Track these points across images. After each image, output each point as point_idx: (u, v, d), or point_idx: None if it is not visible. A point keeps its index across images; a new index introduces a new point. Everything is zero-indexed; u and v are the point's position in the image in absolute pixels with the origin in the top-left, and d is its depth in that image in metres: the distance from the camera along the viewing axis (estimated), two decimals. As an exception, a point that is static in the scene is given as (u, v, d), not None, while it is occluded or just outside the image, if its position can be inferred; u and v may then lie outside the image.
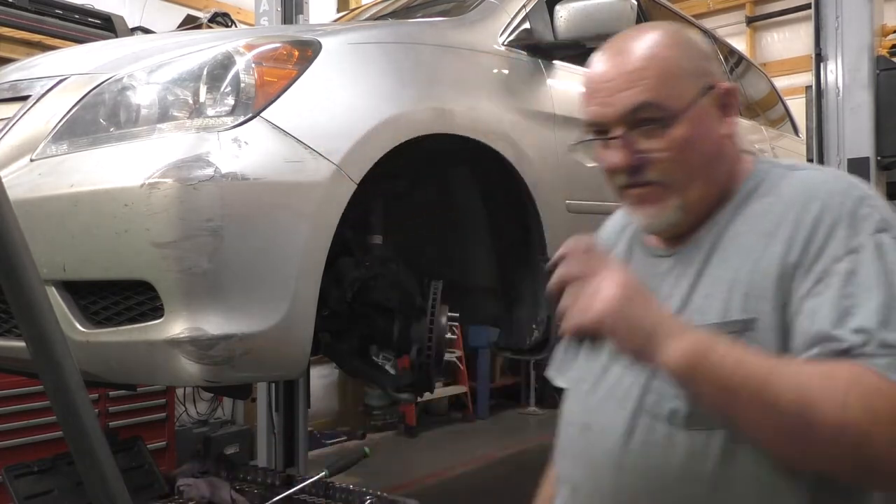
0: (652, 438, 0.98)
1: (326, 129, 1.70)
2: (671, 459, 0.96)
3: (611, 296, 0.91)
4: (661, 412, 0.97)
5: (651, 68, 1.01)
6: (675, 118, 0.99)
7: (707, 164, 1.02)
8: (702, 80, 1.02)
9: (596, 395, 1.07)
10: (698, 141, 1.00)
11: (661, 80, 1.00)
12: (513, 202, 2.29)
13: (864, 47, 2.77)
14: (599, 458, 1.03)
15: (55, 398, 0.95)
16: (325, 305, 1.88)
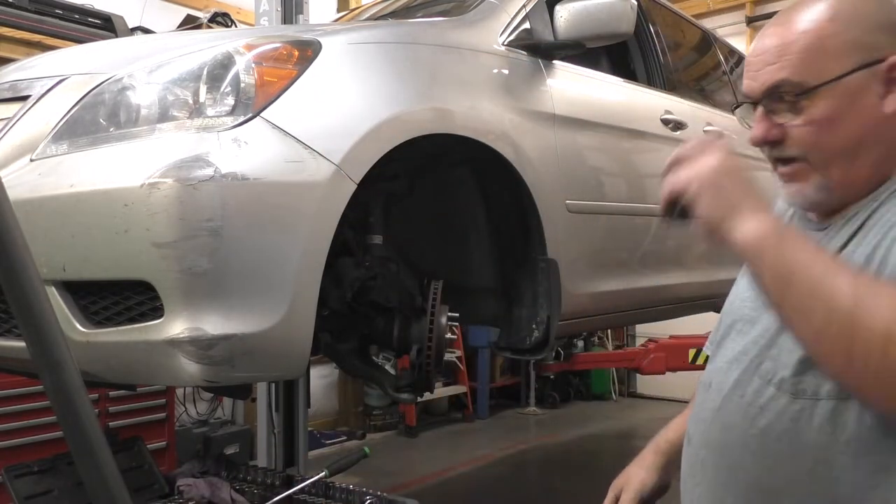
0: (759, 401, 1.02)
1: (326, 128, 1.70)
2: (775, 424, 1.00)
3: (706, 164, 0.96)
4: (773, 378, 1.01)
5: (798, 42, 1.00)
6: (815, 94, 0.98)
7: (855, 144, 1.00)
8: (861, 55, 0.98)
9: (724, 359, 1.12)
10: (843, 119, 0.99)
11: (804, 55, 0.99)
12: (513, 202, 2.29)
13: (864, 47, 2.76)
14: (709, 414, 1.10)
15: (55, 398, 0.95)
16: (325, 305, 1.88)
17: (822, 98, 0.99)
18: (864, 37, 0.99)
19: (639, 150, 2.88)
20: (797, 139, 1.02)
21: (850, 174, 1.01)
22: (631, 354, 6.55)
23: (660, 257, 2.94)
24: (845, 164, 1.01)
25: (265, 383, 3.56)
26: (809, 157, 1.02)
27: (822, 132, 1.00)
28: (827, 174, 1.02)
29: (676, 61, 3.50)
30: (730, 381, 1.09)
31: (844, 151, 1.00)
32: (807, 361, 0.98)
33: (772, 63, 1.02)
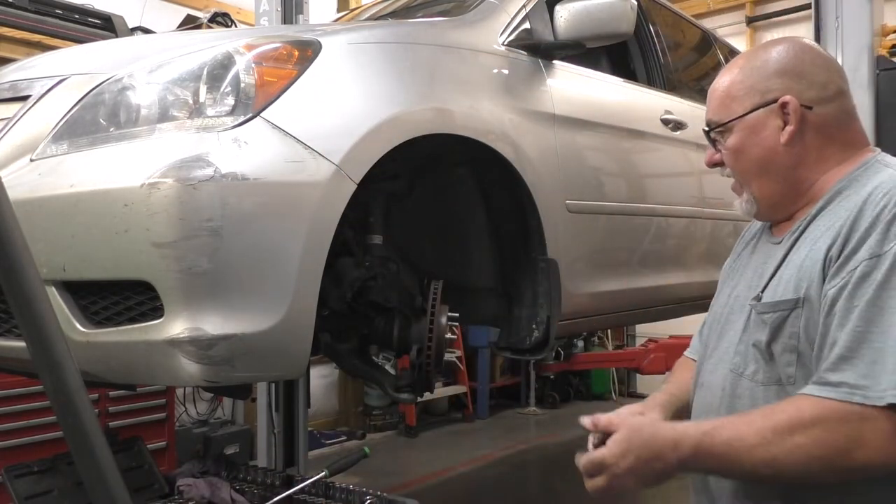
0: (737, 392, 1.23)
1: (326, 128, 1.70)
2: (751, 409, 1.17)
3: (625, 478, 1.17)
4: (744, 371, 1.22)
5: (718, 90, 1.31)
6: (726, 129, 1.29)
7: (760, 167, 1.26)
8: (756, 98, 1.25)
9: (711, 360, 1.33)
10: (746, 148, 1.26)
11: (720, 100, 1.31)
12: (513, 202, 2.29)
13: (863, 47, 2.77)
14: (703, 410, 1.31)
15: (55, 398, 0.95)
16: (325, 305, 1.88)
17: (732, 132, 1.28)
18: (759, 83, 1.26)
19: (639, 150, 2.88)
20: (725, 162, 1.32)
21: (763, 190, 1.27)
22: (631, 354, 6.55)
23: (660, 257, 2.94)
24: (757, 181, 1.27)
25: (265, 383, 3.56)
26: (734, 176, 1.32)
27: (735, 157, 1.29)
28: (749, 189, 1.29)
29: (676, 61, 3.50)
30: (716, 379, 1.29)
31: (754, 172, 1.27)
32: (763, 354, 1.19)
33: (707, 106, 1.34)
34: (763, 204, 1.29)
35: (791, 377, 1.15)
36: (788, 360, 1.16)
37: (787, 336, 1.16)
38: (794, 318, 1.15)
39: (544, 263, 2.29)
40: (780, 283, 1.20)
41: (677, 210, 3.03)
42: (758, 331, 1.21)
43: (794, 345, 1.15)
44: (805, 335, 1.14)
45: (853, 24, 2.76)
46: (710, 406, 1.28)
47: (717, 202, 3.23)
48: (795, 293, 1.15)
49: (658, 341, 6.21)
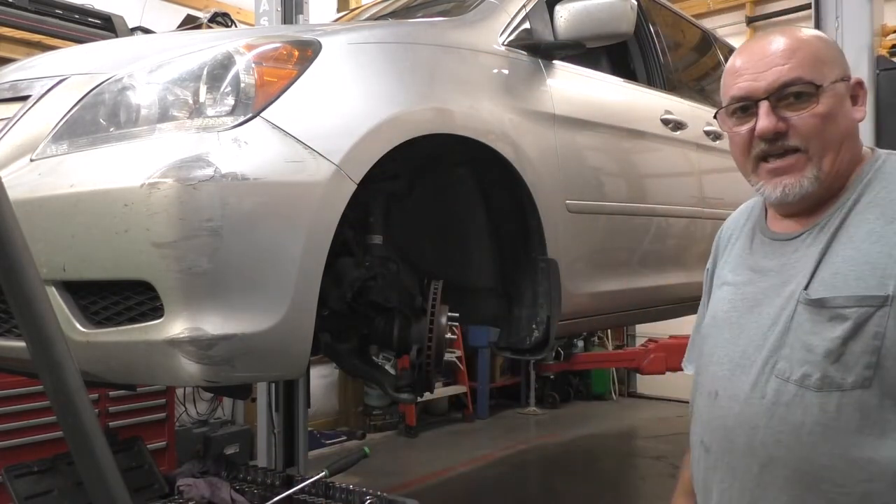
0: (783, 399, 1.13)
1: (326, 128, 1.70)
2: (805, 418, 1.11)
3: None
4: (792, 376, 1.13)
5: (802, 49, 1.18)
6: (821, 93, 1.16)
7: (841, 140, 1.18)
8: (841, 70, 1.19)
9: (722, 367, 1.24)
10: (836, 117, 1.17)
11: (810, 60, 1.18)
12: (513, 202, 2.29)
13: (864, 47, 2.77)
14: (731, 420, 1.20)
15: (55, 398, 0.95)
16: (325, 305, 1.88)
17: (825, 96, 1.16)
18: (839, 57, 1.22)
19: (639, 150, 2.88)
20: (804, 129, 1.17)
21: (835, 166, 1.18)
22: (631, 354, 6.55)
23: (660, 257, 2.94)
24: (833, 155, 1.18)
25: (265, 383, 3.56)
26: (811, 147, 1.17)
27: (825, 124, 1.17)
28: (820, 165, 1.17)
29: (676, 61, 3.50)
30: (743, 386, 1.19)
31: (836, 144, 1.18)
32: (830, 355, 1.10)
33: (780, 65, 1.17)
34: (825, 183, 1.18)
35: (868, 379, 1.07)
36: (868, 361, 1.07)
37: (870, 335, 1.07)
38: (881, 317, 1.07)
39: (544, 263, 2.29)
40: (839, 278, 1.12)
41: (677, 210, 3.03)
42: (822, 328, 1.11)
43: (876, 346, 1.07)
44: (891, 336, 1.06)
45: (853, 24, 2.76)
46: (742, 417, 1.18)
47: (717, 202, 3.23)
48: (880, 290, 1.07)
49: (658, 341, 6.21)
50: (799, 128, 1.17)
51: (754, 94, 1.19)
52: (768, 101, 1.17)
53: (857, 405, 1.08)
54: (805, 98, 1.16)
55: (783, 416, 1.13)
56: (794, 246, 1.21)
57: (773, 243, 1.26)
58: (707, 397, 1.27)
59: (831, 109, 1.16)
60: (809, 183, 1.17)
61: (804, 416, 1.11)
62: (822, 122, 1.16)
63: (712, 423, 1.25)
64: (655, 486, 4.58)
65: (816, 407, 1.10)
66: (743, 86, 1.21)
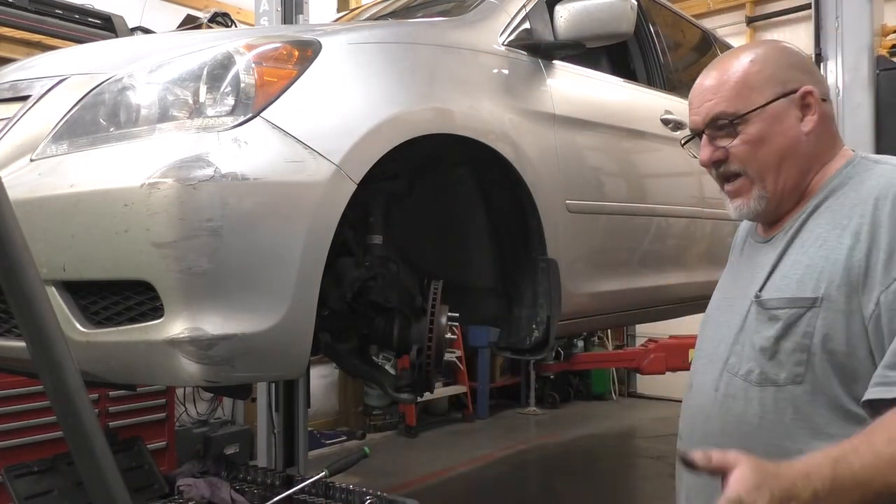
0: (731, 392, 1.22)
1: (326, 128, 1.70)
2: (747, 409, 1.20)
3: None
4: (739, 371, 1.22)
5: (728, 81, 1.25)
6: (747, 120, 1.23)
7: (780, 158, 1.23)
8: (778, 87, 1.23)
9: (700, 361, 1.34)
10: (770, 137, 1.23)
11: (735, 90, 1.24)
12: (513, 202, 2.29)
13: (863, 47, 2.77)
14: (695, 410, 1.31)
15: (55, 398, 0.95)
16: (325, 305, 1.88)
17: (752, 123, 1.23)
18: (778, 73, 1.25)
19: (639, 150, 2.88)
20: (737, 156, 1.25)
21: (779, 183, 1.24)
22: (631, 354, 6.55)
23: (660, 257, 2.94)
24: (775, 174, 1.24)
25: (265, 383, 3.56)
26: (748, 171, 1.25)
27: (756, 148, 1.24)
28: (763, 185, 1.25)
29: (676, 61, 3.50)
30: (708, 379, 1.29)
31: (774, 164, 1.24)
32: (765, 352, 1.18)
33: (709, 100, 1.26)
34: (773, 200, 1.26)
35: (799, 376, 1.14)
36: (798, 359, 1.15)
37: (800, 334, 1.15)
38: (811, 318, 1.14)
39: (544, 263, 2.29)
40: (785, 281, 1.19)
41: (677, 210, 3.03)
42: (763, 328, 1.20)
43: (806, 344, 1.14)
44: (820, 336, 1.13)
45: (853, 24, 2.76)
46: (701, 407, 1.28)
47: (717, 202, 3.22)
48: (813, 292, 1.14)
49: (658, 341, 6.21)
50: (735, 154, 1.25)
51: (696, 128, 1.30)
52: (706, 134, 1.27)
53: (790, 400, 1.15)
54: (736, 126, 1.24)
55: (729, 408, 1.22)
56: (765, 249, 1.29)
57: (755, 245, 1.34)
58: (686, 389, 1.38)
59: (760, 134, 1.23)
60: (756, 203, 1.26)
61: (745, 408, 1.20)
62: (753, 146, 1.23)
63: (685, 412, 1.35)
64: (655, 486, 4.58)
65: (756, 401, 1.19)
66: (691, 119, 1.32)
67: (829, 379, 1.13)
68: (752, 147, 1.24)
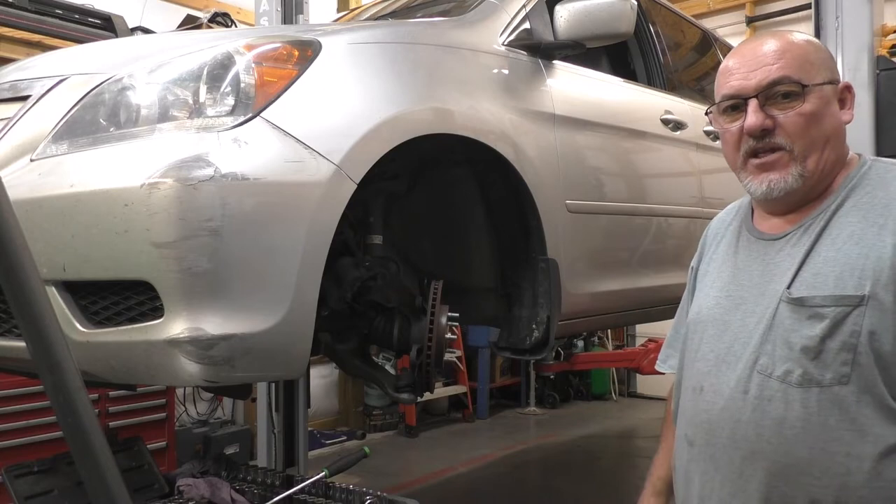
0: (766, 394, 1.17)
1: (326, 128, 1.70)
2: (786, 412, 1.15)
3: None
4: (775, 372, 1.17)
5: (791, 51, 1.23)
6: (807, 93, 1.21)
7: (826, 140, 1.22)
8: (829, 73, 1.24)
9: (707, 362, 1.28)
10: (822, 117, 1.21)
11: (798, 61, 1.22)
12: (513, 202, 2.29)
13: (864, 47, 2.77)
14: (713, 415, 1.23)
15: (55, 398, 0.95)
16: (325, 305, 1.88)
17: (811, 97, 1.21)
18: (828, 61, 1.26)
19: (639, 150, 2.88)
20: (789, 127, 1.21)
21: (818, 165, 1.22)
22: (631, 354, 6.55)
23: (660, 257, 2.94)
24: (818, 155, 1.21)
25: (265, 383, 3.56)
26: (795, 145, 1.21)
27: (810, 124, 1.21)
28: (804, 163, 1.21)
29: (676, 61, 3.50)
30: (729, 381, 1.22)
31: (820, 144, 1.21)
32: (808, 352, 1.13)
33: (770, 64, 1.22)
34: (810, 181, 1.22)
35: (845, 376, 1.11)
36: (845, 358, 1.12)
37: (846, 333, 1.12)
38: (857, 316, 1.11)
39: (544, 263, 2.29)
40: (819, 278, 1.16)
41: (677, 210, 3.03)
42: (802, 327, 1.15)
43: (853, 343, 1.11)
44: (868, 334, 1.11)
45: (853, 24, 2.76)
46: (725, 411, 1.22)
47: (716, 202, 3.22)
48: (856, 290, 1.12)
49: (658, 341, 6.21)
50: (785, 126, 1.21)
51: (744, 92, 1.23)
52: (756, 99, 1.22)
53: (835, 401, 1.12)
54: (792, 97, 1.21)
55: (765, 411, 1.17)
56: (778, 246, 1.25)
57: (759, 242, 1.29)
58: (692, 392, 1.30)
59: (817, 109, 1.21)
60: (794, 180, 1.21)
61: (786, 411, 1.15)
62: (807, 121, 1.20)
63: (697, 417, 1.28)
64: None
65: (798, 402, 1.14)
66: (734, 84, 1.25)
67: (876, 378, 1.11)
68: (806, 121, 1.21)
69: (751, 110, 1.22)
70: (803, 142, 1.21)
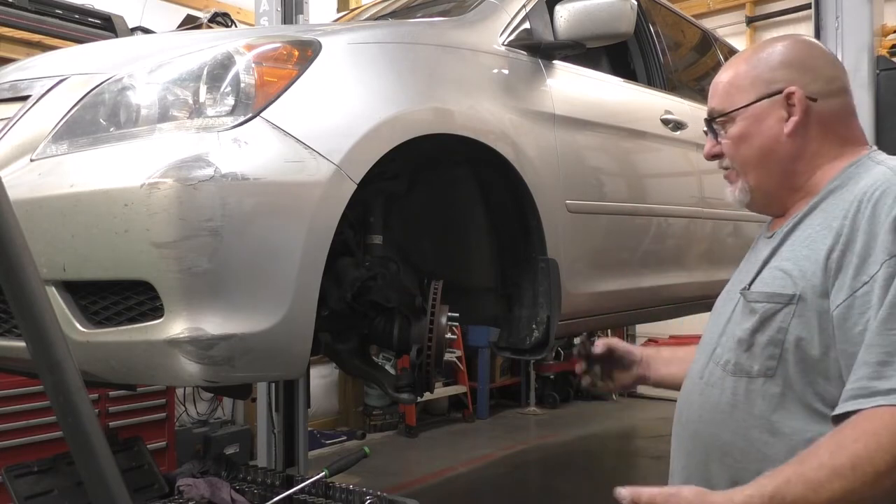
0: (711, 380, 1.27)
1: (326, 128, 1.70)
2: (720, 397, 1.24)
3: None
4: (720, 360, 1.26)
5: (722, 82, 1.33)
6: (732, 119, 1.30)
7: (762, 156, 1.28)
8: (761, 89, 1.27)
9: (698, 351, 1.38)
10: (751, 136, 1.28)
11: (725, 90, 1.32)
12: (513, 202, 2.29)
13: (863, 47, 2.77)
14: (683, 396, 1.36)
15: (55, 398, 0.95)
16: (325, 305, 1.88)
17: (736, 122, 1.30)
18: (764, 74, 1.28)
19: (639, 150, 2.88)
20: (725, 152, 1.33)
21: (761, 180, 1.29)
22: (631, 354, 6.53)
23: (660, 257, 2.94)
24: (756, 171, 1.29)
25: (265, 383, 3.56)
26: (734, 164, 1.33)
27: (736, 146, 1.30)
28: (746, 179, 1.31)
29: (676, 61, 3.50)
30: (697, 368, 1.34)
31: (754, 161, 1.29)
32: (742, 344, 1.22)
33: (710, 97, 1.36)
34: (758, 194, 1.31)
35: (770, 369, 1.17)
36: (771, 353, 1.17)
37: (774, 329, 1.17)
38: (786, 314, 1.16)
39: (544, 263, 2.29)
40: (771, 276, 1.22)
41: (677, 210, 3.03)
42: (744, 320, 1.23)
43: (780, 339, 1.17)
44: (793, 333, 1.15)
45: (853, 24, 2.76)
46: (688, 394, 1.34)
47: (717, 202, 3.23)
48: (792, 289, 1.17)
49: (658, 341, 6.21)
50: (724, 149, 1.33)
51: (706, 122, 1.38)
52: (709, 129, 1.37)
53: (761, 392, 1.18)
54: (723, 124, 1.32)
55: (707, 395, 1.27)
56: (767, 244, 1.31)
57: (762, 240, 1.37)
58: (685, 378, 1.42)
59: (741, 132, 1.29)
60: (742, 193, 1.32)
61: (720, 396, 1.24)
62: (735, 143, 1.30)
63: (681, 397, 1.40)
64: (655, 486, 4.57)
65: (730, 389, 1.23)
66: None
67: (800, 376, 1.15)
68: (735, 144, 1.30)
69: (707, 140, 1.38)
70: (738, 162, 1.31)
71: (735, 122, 1.29)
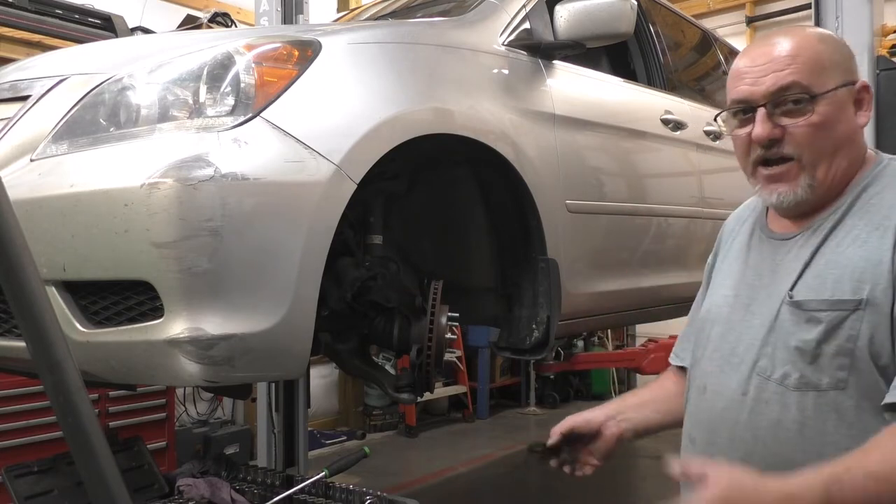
0: (763, 396, 1.16)
1: (326, 128, 1.70)
2: (784, 416, 1.13)
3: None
4: (773, 374, 1.15)
5: (802, 55, 1.16)
6: (817, 102, 1.15)
7: (837, 147, 1.17)
8: (845, 75, 1.18)
9: (713, 362, 1.27)
10: (833, 125, 1.16)
11: (809, 65, 1.16)
12: (513, 202, 2.29)
13: (864, 47, 2.76)
14: (714, 414, 1.23)
15: (55, 398, 0.95)
16: (325, 305, 1.88)
17: (822, 104, 1.15)
18: (844, 62, 1.20)
19: (639, 150, 2.88)
20: (798, 138, 1.16)
21: (829, 174, 1.18)
22: (631, 354, 6.55)
23: (660, 257, 2.94)
24: (827, 164, 1.17)
25: (265, 383, 3.56)
26: (803, 156, 1.17)
27: (819, 134, 1.16)
28: (813, 173, 1.17)
29: (676, 61, 3.50)
30: (730, 383, 1.22)
31: (829, 153, 1.17)
32: (805, 355, 1.12)
33: (779, 70, 1.16)
34: (820, 190, 1.18)
35: (842, 381, 1.09)
36: (841, 363, 1.09)
37: (843, 338, 1.09)
38: (854, 321, 1.09)
39: (544, 263, 2.29)
40: (819, 281, 1.14)
41: (677, 210, 3.03)
42: (800, 330, 1.14)
43: (849, 348, 1.09)
44: (866, 339, 1.08)
45: (853, 24, 2.76)
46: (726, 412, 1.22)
47: (717, 202, 3.23)
48: (855, 294, 1.09)
49: (658, 341, 6.21)
50: (793, 136, 1.17)
51: (752, 100, 1.19)
52: (765, 108, 1.17)
53: (832, 406, 1.10)
54: (803, 104, 1.16)
55: (762, 413, 1.16)
56: (788, 247, 1.23)
57: (771, 242, 1.27)
58: (697, 391, 1.31)
59: (827, 118, 1.15)
60: (803, 191, 1.18)
61: (782, 413, 1.14)
62: (816, 131, 1.16)
63: (699, 416, 1.28)
64: (655, 486, 4.58)
65: (794, 406, 1.13)
66: (743, 89, 1.20)
67: (875, 384, 1.08)
68: (815, 131, 1.16)
69: (759, 120, 1.18)
70: (811, 153, 1.17)
71: (819, 104, 1.15)
